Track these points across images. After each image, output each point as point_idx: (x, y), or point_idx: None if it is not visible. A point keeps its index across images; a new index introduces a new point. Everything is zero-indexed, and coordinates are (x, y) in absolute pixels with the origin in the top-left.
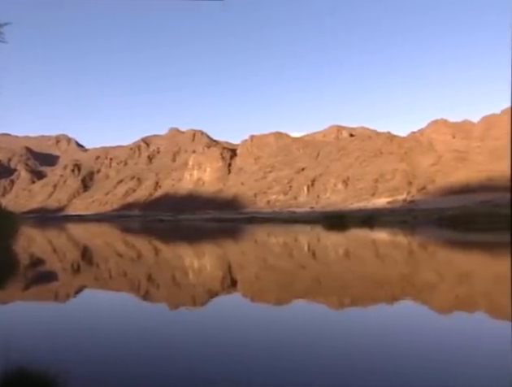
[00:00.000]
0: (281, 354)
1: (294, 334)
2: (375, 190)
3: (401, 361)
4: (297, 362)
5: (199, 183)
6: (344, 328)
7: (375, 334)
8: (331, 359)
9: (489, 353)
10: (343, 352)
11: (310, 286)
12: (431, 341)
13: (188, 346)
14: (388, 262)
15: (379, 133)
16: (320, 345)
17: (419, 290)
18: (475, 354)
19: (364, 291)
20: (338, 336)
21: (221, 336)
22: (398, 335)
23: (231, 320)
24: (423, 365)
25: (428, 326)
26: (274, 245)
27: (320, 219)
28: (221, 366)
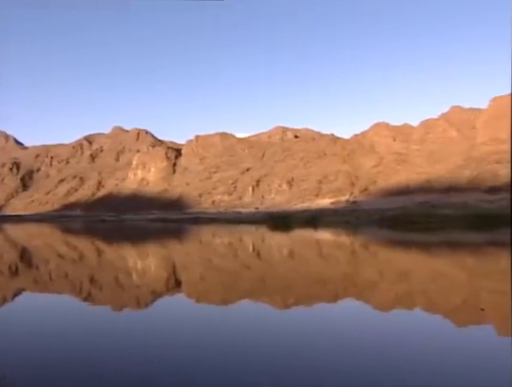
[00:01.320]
0: (225, 355)
1: (238, 334)
2: (319, 191)
3: (341, 358)
4: (241, 362)
5: (143, 183)
6: (288, 327)
7: (317, 332)
8: (272, 358)
9: (426, 348)
10: (285, 351)
11: (254, 286)
12: (371, 338)
13: (130, 349)
14: (331, 261)
15: (323, 135)
16: (263, 344)
17: (361, 289)
18: (413, 349)
19: (308, 290)
20: (281, 336)
21: (164, 338)
22: (339, 332)
23: (175, 321)
24: (362, 362)
25: (368, 323)
26: (219, 245)
27: (265, 219)
28: (163, 367)
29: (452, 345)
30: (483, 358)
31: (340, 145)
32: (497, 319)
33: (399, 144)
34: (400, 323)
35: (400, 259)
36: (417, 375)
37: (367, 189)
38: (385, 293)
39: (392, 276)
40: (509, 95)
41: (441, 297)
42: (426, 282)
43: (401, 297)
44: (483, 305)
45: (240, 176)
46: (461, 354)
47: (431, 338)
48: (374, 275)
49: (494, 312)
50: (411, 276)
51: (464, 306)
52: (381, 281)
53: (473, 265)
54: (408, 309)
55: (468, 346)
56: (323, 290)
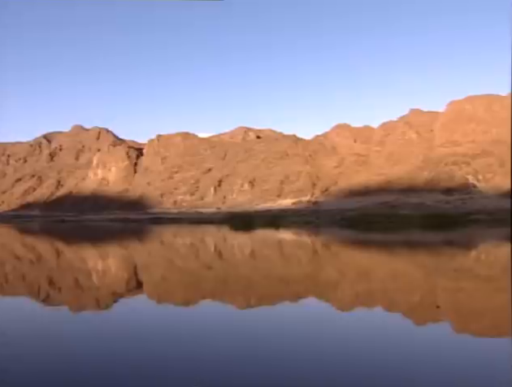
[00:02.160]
0: (184, 355)
1: (199, 334)
2: (281, 191)
3: (300, 357)
4: (200, 362)
5: (104, 182)
6: (249, 327)
7: (278, 332)
8: (230, 359)
9: (385, 346)
10: (244, 352)
11: (216, 286)
12: (331, 337)
13: (87, 350)
14: (293, 261)
15: (285, 136)
16: (223, 345)
17: (322, 288)
18: (375, 347)
19: (270, 290)
20: (242, 336)
21: (123, 339)
22: (300, 332)
23: (134, 323)
24: (319, 361)
25: (329, 322)
26: (180, 245)
27: (227, 219)
28: (120, 369)
29: (409, 342)
30: (440, 355)
31: (301, 145)
32: (453, 316)
33: (360, 145)
34: (360, 322)
35: (360, 259)
36: (373, 372)
37: (328, 190)
38: (346, 292)
39: (352, 275)
40: (464, 99)
41: (400, 295)
42: (385, 281)
43: (361, 297)
44: (440, 303)
45: (202, 176)
46: (418, 351)
47: (389, 336)
48: (335, 274)
49: (450, 310)
50: (371, 275)
51: (421, 304)
52: (342, 281)
53: (430, 264)
54: (368, 308)
55: (425, 344)
56: (285, 290)
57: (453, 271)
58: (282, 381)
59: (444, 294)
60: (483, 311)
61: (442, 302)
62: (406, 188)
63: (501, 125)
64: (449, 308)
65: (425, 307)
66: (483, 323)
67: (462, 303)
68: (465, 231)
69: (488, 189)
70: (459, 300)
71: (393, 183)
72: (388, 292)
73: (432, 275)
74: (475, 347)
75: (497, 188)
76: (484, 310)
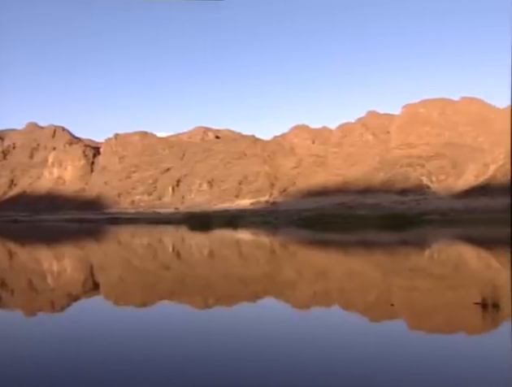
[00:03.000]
0: (139, 357)
1: (155, 336)
2: (239, 192)
3: (259, 357)
4: (155, 363)
5: (59, 181)
6: (207, 328)
7: (236, 332)
8: (188, 358)
9: (344, 344)
10: (203, 352)
11: (174, 287)
12: (289, 337)
13: (42, 353)
14: (251, 261)
15: (244, 136)
16: (180, 346)
17: (281, 288)
18: (332, 345)
19: (228, 290)
20: (198, 337)
21: (79, 341)
22: (258, 331)
23: (91, 325)
24: (278, 360)
25: (287, 322)
26: (138, 246)
27: (185, 219)
28: (70, 371)
29: (365, 339)
30: (395, 352)
31: (260, 146)
32: (408, 314)
33: (318, 146)
34: (317, 320)
35: (317, 259)
36: (330, 370)
37: (287, 190)
38: (304, 291)
39: (310, 275)
40: (419, 103)
41: (356, 294)
42: (342, 280)
43: (319, 296)
44: (395, 301)
45: (160, 176)
46: (373, 349)
47: (346, 334)
48: (293, 274)
49: (405, 308)
50: (328, 274)
51: (377, 303)
52: (300, 280)
53: (385, 263)
54: (325, 307)
55: (381, 341)
56: (243, 290)
57: (407, 270)
58: (237, 381)
59: (400, 293)
60: (437, 309)
61: (397, 301)
62: (363, 188)
63: (454, 128)
64: (403, 306)
65: (380, 306)
66: (437, 321)
67: (417, 301)
68: (419, 231)
69: (440, 190)
70: (413, 298)
71: (350, 184)
72: (344, 291)
73: (388, 274)
74: (429, 344)
75: (450, 189)
76: (437, 307)
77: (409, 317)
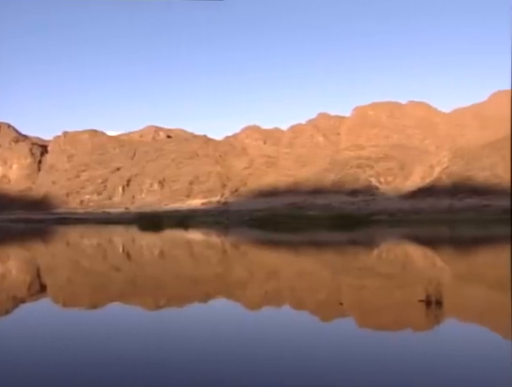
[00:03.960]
0: (88, 360)
1: (105, 338)
2: (190, 192)
3: (209, 358)
4: (104, 366)
5: (4, 180)
6: (157, 329)
7: (187, 333)
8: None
9: (295, 343)
10: (151, 354)
11: (124, 288)
12: (239, 337)
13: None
14: (202, 261)
15: (195, 136)
16: (130, 348)
17: (232, 288)
18: (283, 345)
19: (179, 291)
20: (149, 338)
21: (23, 344)
22: (209, 332)
23: (36, 328)
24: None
25: (238, 322)
26: (87, 246)
27: (135, 219)
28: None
29: (315, 338)
30: (343, 350)
31: (212, 146)
32: (357, 312)
33: (269, 147)
34: (268, 320)
35: (269, 259)
36: (281, 369)
37: (238, 190)
38: (255, 291)
39: (261, 274)
40: (368, 105)
41: (307, 294)
42: (293, 280)
43: (270, 295)
44: (344, 300)
45: (110, 176)
46: (323, 348)
47: (297, 333)
48: (244, 274)
49: (354, 306)
50: (280, 274)
51: (327, 302)
52: (251, 280)
53: (335, 263)
54: (276, 306)
55: (330, 340)
56: (194, 290)
57: (356, 269)
58: (188, 382)
59: (349, 292)
60: (384, 307)
61: (346, 299)
62: (313, 189)
63: (402, 131)
64: (352, 305)
65: (330, 305)
66: (384, 318)
67: (365, 300)
68: (368, 231)
69: (389, 191)
70: (362, 297)
71: (301, 184)
72: (295, 290)
73: (337, 273)
74: (376, 341)
75: (398, 190)
76: (385, 305)
77: (357, 315)
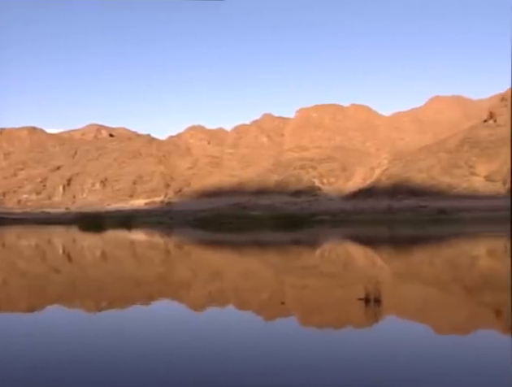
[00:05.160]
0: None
1: (43, 342)
2: (134, 191)
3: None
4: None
5: None
6: (98, 331)
7: (129, 334)
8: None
9: (238, 343)
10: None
11: (64, 290)
12: (182, 338)
13: None
14: (145, 262)
15: (139, 135)
16: (71, 351)
17: (175, 289)
18: (227, 346)
19: (122, 292)
20: (90, 341)
21: None
22: (151, 333)
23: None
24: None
25: (181, 322)
26: (25, 247)
27: (76, 220)
28: None
29: (259, 337)
30: (287, 349)
31: (156, 145)
32: (299, 311)
33: (213, 147)
34: (212, 321)
35: (212, 259)
36: (224, 369)
37: (182, 191)
38: (199, 292)
39: (205, 275)
40: (311, 107)
41: (251, 293)
42: (237, 280)
43: (214, 296)
44: (287, 299)
45: (49, 174)
46: (265, 347)
47: (240, 334)
48: (188, 274)
49: (296, 305)
50: (223, 274)
51: (270, 301)
52: (195, 281)
53: (279, 263)
54: (220, 307)
55: (274, 339)
56: (137, 292)
57: (299, 268)
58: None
59: (292, 291)
60: (325, 305)
61: (289, 299)
62: (257, 190)
63: (344, 133)
64: (295, 304)
65: (273, 304)
66: (325, 317)
67: (307, 298)
68: (310, 231)
69: (331, 192)
70: (305, 295)
71: (245, 185)
72: (238, 290)
73: (281, 273)
74: (317, 339)
75: (340, 190)
76: (326, 303)
77: (299, 314)
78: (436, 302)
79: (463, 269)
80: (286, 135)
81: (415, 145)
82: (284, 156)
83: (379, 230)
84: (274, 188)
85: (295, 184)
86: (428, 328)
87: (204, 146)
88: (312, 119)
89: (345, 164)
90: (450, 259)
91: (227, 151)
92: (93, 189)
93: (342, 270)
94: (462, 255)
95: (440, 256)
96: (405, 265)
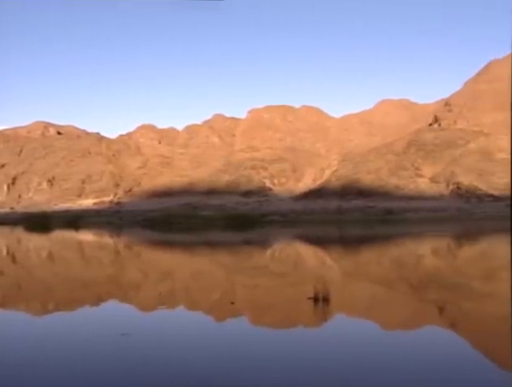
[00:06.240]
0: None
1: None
2: (82, 191)
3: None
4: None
5: None
6: (44, 335)
7: (76, 337)
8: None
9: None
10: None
11: (8, 292)
12: (131, 339)
13: None
14: (94, 263)
15: (88, 133)
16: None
17: (125, 290)
18: (178, 346)
19: (69, 294)
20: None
21: None
22: (99, 335)
23: None
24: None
25: (130, 323)
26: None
27: (22, 220)
28: None
29: (209, 338)
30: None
31: (105, 144)
32: (249, 310)
33: (164, 147)
34: (162, 322)
35: (162, 259)
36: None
37: (132, 190)
38: (149, 292)
39: (155, 275)
40: (263, 108)
41: (201, 294)
42: (187, 280)
43: (164, 297)
44: (238, 299)
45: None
46: (214, 347)
47: (191, 335)
48: (137, 275)
49: (247, 305)
50: (174, 275)
51: (221, 301)
52: (145, 281)
53: (230, 263)
54: (170, 307)
55: (224, 339)
56: (85, 293)
57: (250, 268)
58: None
59: (242, 291)
60: (275, 304)
61: (239, 298)
62: (208, 190)
63: (295, 134)
64: (245, 303)
65: (223, 304)
66: (274, 316)
67: (257, 298)
68: (261, 231)
69: (282, 193)
70: (255, 295)
71: (196, 185)
72: (189, 291)
73: (232, 273)
74: (268, 339)
75: (290, 191)
76: (276, 303)
77: (248, 313)
78: (383, 300)
79: (409, 268)
80: (237, 135)
81: (364, 147)
82: (235, 156)
83: (329, 230)
84: (225, 188)
85: (246, 185)
86: (375, 326)
87: (154, 146)
88: (263, 119)
89: (296, 165)
90: (397, 258)
91: (177, 151)
92: (40, 188)
93: (292, 269)
94: (408, 254)
95: (387, 255)
96: (353, 264)
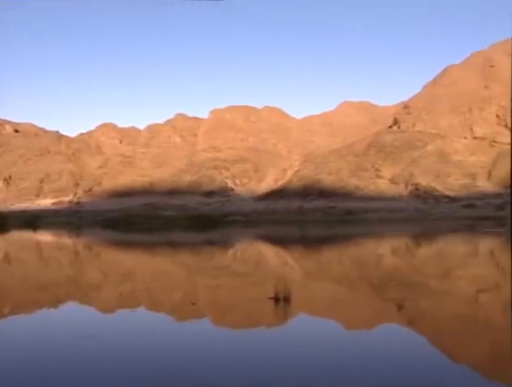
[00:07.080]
0: None
1: None
2: (40, 191)
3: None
4: None
5: None
6: (3, 336)
7: (36, 340)
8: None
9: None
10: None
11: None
12: (91, 341)
13: None
14: (52, 264)
15: (47, 132)
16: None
17: (84, 291)
18: (139, 348)
19: (26, 296)
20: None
21: None
22: (58, 338)
23: None
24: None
25: (90, 325)
26: None
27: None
28: None
29: (171, 339)
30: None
31: (64, 143)
32: (210, 311)
33: (125, 146)
34: (123, 323)
35: (122, 260)
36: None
37: (92, 190)
38: (109, 294)
39: (115, 276)
40: (225, 108)
41: (162, 294)
42: (148, 281)
43: (124, 298)
44: (200, 299)
45: None
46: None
47: (152, 336)
48: (97, 276)
49: (208, 305)
50: (134, 275)
51: (182, 302)
52: (104, 282)
53: (191, 263)
54: (131, 308)
55: (185, 340)
56: (43, 295)
57: (212, 269)
58: None
59: (204, 291)
60: (236, 305)
61: (201, 299)
62: (170, 190)
63: (257, 135)
64: (205, 304)
65: (184, 305)
66: (237, 316)
67: (218, 299)
68: (223, 231)
69: (244, 193)
70: (216, 296)
71: (157, 185)
72: (150, 291)
73: (193, 273)
74: (228, 339)
75: (252, 191)
76: (237, 303)
77: (210, 314)
78: (344, 299)
79: (369, 267)
80: (199, 135)
81: (326, 148)
82: (197, 156)
83: (290, 230)
84: (186, 188)
85: (208, 185)
86: (336, 324)
87: (115, 145)
88: (225, 120)
89: (258, 165)
90: (357, 258)
91: (139, 150)
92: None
93: (254, 269)
94: (368, 254)
95: (347, 255)
96: (314, 264)
